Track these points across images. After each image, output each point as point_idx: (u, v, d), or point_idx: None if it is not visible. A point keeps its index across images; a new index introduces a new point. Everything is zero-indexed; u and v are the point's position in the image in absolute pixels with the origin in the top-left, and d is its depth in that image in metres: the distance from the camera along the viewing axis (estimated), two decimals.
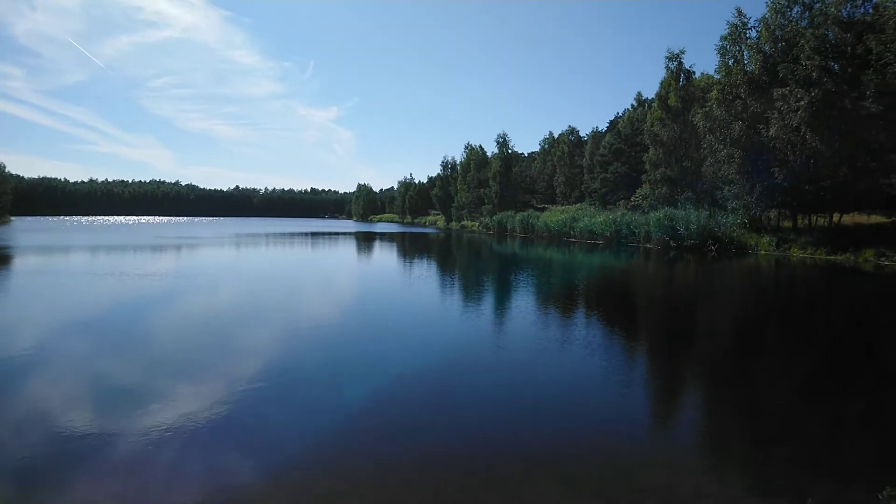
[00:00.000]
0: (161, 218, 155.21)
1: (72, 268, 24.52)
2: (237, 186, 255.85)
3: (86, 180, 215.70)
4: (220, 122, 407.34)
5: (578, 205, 68.94)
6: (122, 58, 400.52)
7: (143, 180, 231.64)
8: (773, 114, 33.92)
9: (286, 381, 8.45)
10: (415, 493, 5.20)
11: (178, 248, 38.97)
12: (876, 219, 34.17)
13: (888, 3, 30.80)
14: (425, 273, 25.11)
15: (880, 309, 17.14)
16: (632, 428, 6.99)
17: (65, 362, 9.41)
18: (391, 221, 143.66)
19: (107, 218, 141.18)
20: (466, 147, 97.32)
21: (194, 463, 5.71)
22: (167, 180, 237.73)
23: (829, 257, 30.69)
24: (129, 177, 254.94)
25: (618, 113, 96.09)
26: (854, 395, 8.44)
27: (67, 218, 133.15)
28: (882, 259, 28.36)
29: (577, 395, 8.21)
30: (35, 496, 5.05)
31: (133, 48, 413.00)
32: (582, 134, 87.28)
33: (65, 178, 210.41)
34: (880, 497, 4.98)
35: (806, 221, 37.46)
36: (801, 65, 32.48)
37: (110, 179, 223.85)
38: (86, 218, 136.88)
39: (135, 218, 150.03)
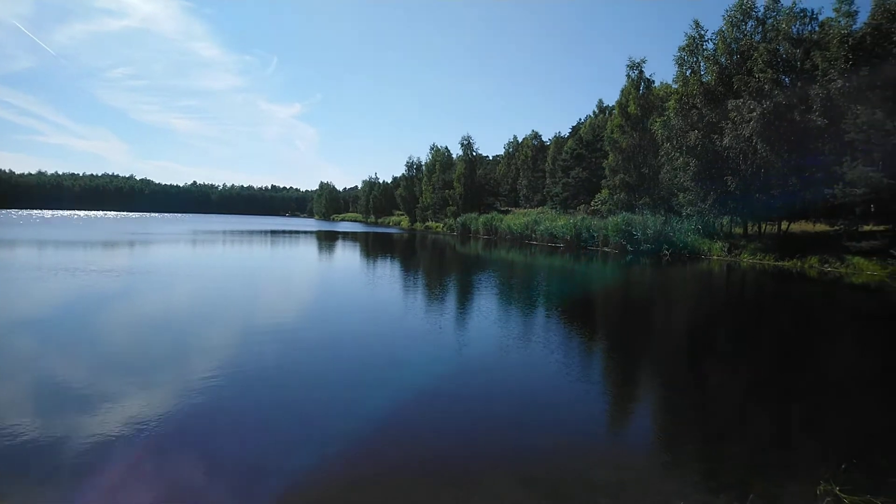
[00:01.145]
0: (114, 213, 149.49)
1: (17, 264, 23.38)
2: (194, 182, 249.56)
3: (33, 172, 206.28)
4: (178, 116, 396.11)
5: (540, 208, 69.82)
6: (75, 46, 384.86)
7: (95, 173, 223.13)
8: (727, 124, 35.17)
9: (239, 382, 8.27)
10: (370, 493, 5.16)
11: (133, 244, 37.65)
12: (821, 227, 35.79)
13: (832, 23, 32.36)
14: (388, 273, 24.99)
15: (822, 313, 17.97)
16: (587, 427, 7.13)
17: (9, 362, 8.97)
18: (355, 221, 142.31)
19: (56, 212, 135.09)
20: (432, 148, 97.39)
21: (144, 467, 5.53)
22: (121, 174, 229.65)
23: (776, 263, 31.99)
24: (80, 169, 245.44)
25: (580, 119, 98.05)
26: (796, 396, 8.81)
27: (12, 211, 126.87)
28: (825, 266, 29.75)
29: (534, 395, 8.31)
30: None
31: (88, 36, 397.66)
32: (545, 138, 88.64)
33: (10, 170, 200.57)
34: (817, 492, 5.22)
35: (756, 228, 38.95)
36: (755, 77, 33.80)
37: (60, 172, 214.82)
38: (34, 212, 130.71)
39: (86, 213, 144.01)
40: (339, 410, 7.36)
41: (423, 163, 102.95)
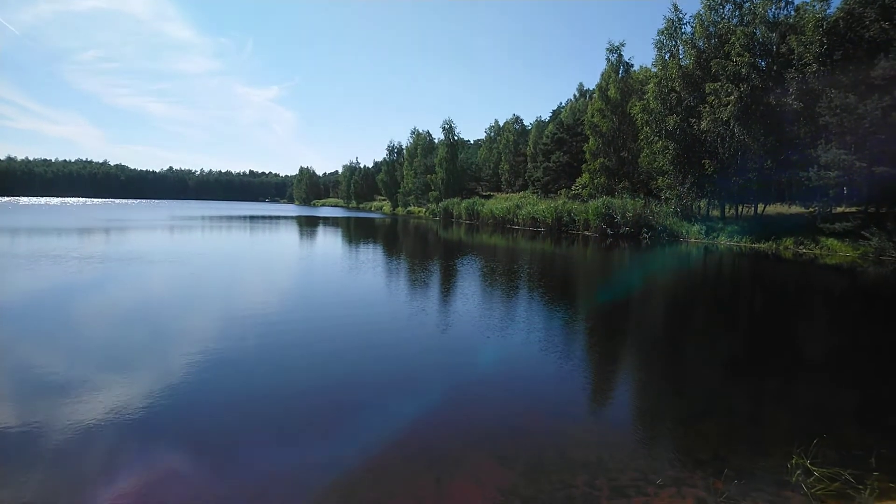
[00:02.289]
0: (88, 200, 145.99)
1: None
2: (171, 167, 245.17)
3: (3, 158, 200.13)
4: (152, 99, 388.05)
5: (522, 193, 70.00)
6: (42, 27, 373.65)
7: (68, 159, 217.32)
8: (705, 108, 35.51)
9: (221, 368, 8.20)
10: (350, 475, 5.18)
11: (111, 231, 36.91)
12: (796, 209, 36.52)
13: (807, 7, 32.71)
14: (371, 258, 24.89)
15: (795, 293, 18.38)
16: (566, 407, 7.22)
17: None
18: (336, 206, 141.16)
19: (29, 199, 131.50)
20: (413, 132, 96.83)
21: (125, 455, 5.47)
22: (94, 159, 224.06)
23: (753, 245, 32.57)
24: (52, 155, 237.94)
25: (561, 103, 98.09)
26: (770, 374, 9.02)
27: None
28: (800, 247, 30.37)
29: (514, 376, 8.39)
30: None
31: (55, 16, 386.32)
32: (526, 123, 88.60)
33: None
34: (789, 466, 5.37)
35: (733, 211, 39.56)
36: (732, 61, 34.11)
37: (31, 158, 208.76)
38: (6, 199, 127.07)
39: (59, 199, 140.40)
40: (319, 394, 7.34)
41: (404, 147, 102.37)
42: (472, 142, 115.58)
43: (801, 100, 31.69)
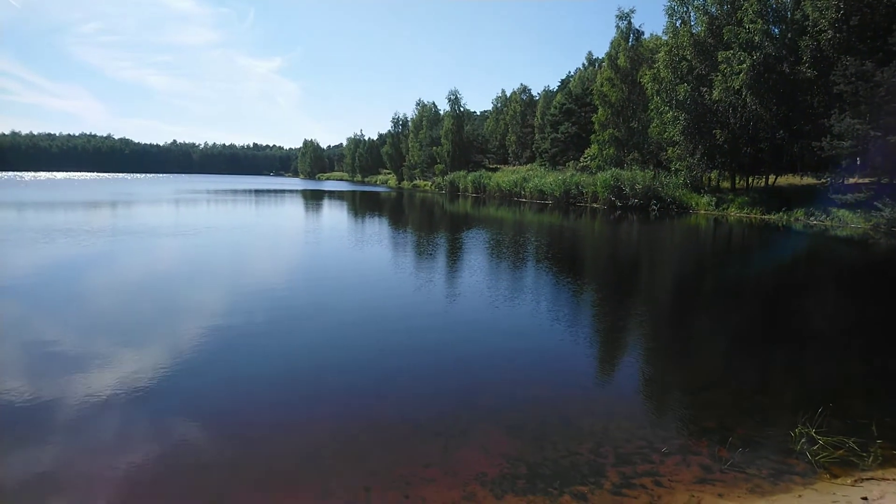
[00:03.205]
0: (94, 174, 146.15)
1: (10, 226, 22.99)
2: (174, 141, 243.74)
3: (7, 133, 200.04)
4: (154, 72, 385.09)
5: (529, 165, 69.38)
6: None
7: (72, 133, 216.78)
8: (717, 76, 34.80)
9: (230, 340, 8.32)
10: (359, 445, 5.27)
11: (121, 205, 37.08)
12: (808, 180, 36.01)
13: None
14: (377, 232, 24.92)
15: (805, 265, 18.28)
16: (572, 377, 7.28)
17: (19, 320, 8.93)
18: (340, 180, 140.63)
19: (34, 174, 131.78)
20: (418, 104, 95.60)
21: (137, 426, 5.59)
22: (98, 133, 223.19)
23: (763, 216, 32.27)
24: (56, 129, 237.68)
25: (569, 72, 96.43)
26: (778, 345, 9.04)
27: None
28: (811, 218, 30.08)
29: (521, 347, 8.45)
30: None
31: None
32: (534, 93, 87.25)
33: None
34: (793, 434, 5.41)
35: (744, 182, 39.09)
36: (745, 28, 33.25)
37: (35, 132, 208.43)
38: (11, 174, 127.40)
39: (66, 174, 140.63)
40: (328, 365, 7.44)
41: (409, 119, 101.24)
42: (478, 113, 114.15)
43: (815, 68, 30.97)
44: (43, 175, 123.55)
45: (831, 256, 20.34)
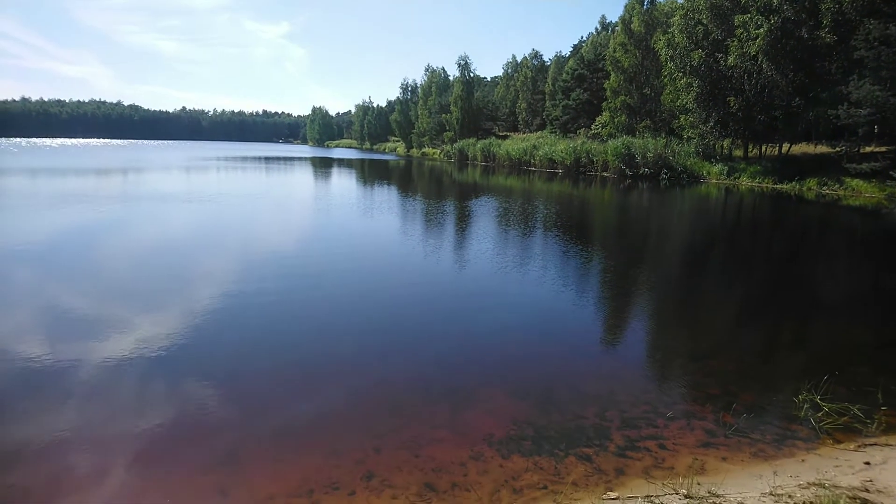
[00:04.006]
0: (106, 141, 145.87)
1: (42, 191, 23.15)
2: (184, 107, 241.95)
3: (17, 99, 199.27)
4: (162, 37, 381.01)
5: (540, 133, 68.44)
6: None
7: (81, 100, 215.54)
8: (733, 42, 33.88)
9: (243, 307, 8.44)
10: (368, 405, 5.39)
11: (137, 172, 37.18)
12: (822, 149, 35.29)
13: None
14: (386, 200, 24.89)
15: (815, 234, 18.11)
16: (579, 343, 7.36)
17: (21, 288, 9.10)
18: (349, 147, 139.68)
19: (47, 141, 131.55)
20: (427, 69, 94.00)
21: (154, 387, 5.73)
22: (108, 100, 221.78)
23: (775, 186, 31.84)
24: (64, 96, 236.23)
25: (582, 37, 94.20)
26: (786, 314, 9.04)
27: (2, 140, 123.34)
28: (824, 188, 29.66)
29: (529, 312, 8.51)
30: None
31: None
32: (545, 58, 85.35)
33: None
34: (796, 400, 5.47)
35: (757, 151, 38.43)
36: None
37: (45, 99, 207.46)
38: (25, 140, 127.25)
39: (79, 141, 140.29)
40: (338, 330, 7.54)
41: (418, 85, 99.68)
42: (488, 79, 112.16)
43: (836, 32, 30.02)
44: (57, 141, 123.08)
45: (842, 226, 20.12)
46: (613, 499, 3.89)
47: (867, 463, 4.36)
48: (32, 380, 5.67)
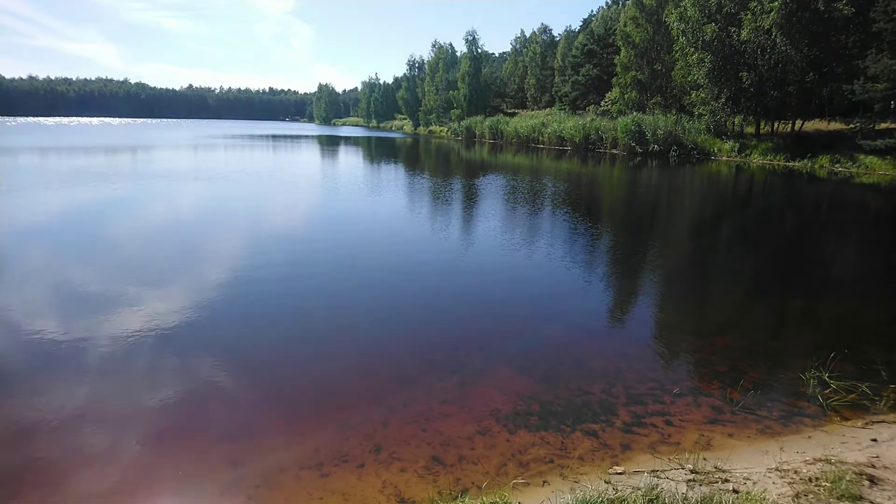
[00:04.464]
0: (113, 119, 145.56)
1: (59, 169, 23.28)
2: (190, 85, 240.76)
3: (24, 77, 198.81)
4: (167, 14, 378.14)
5: (548, 110, 67.61)
6: None
7: (88, 78, 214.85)
8: (747, 15, 33.15)
9: (252, 283, 8.50)
10: (376, 382, 5.45)
11: (138, 150, 37.24)
12: (835, 126, 34.70)
13: None
14: (393, 178, 24.82)
15: (826, 213, 17.91)
16: (586, 320, 7.36)
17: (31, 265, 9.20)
18: (356, 125, 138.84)
19: (56, 119, 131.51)
20: (434, 45, 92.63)
21: (166, 362, 5.80)
22: (115, 78, 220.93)
23: (787, 163, 31.42)
24: (71, 74, 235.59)
25: (592, 11, 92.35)
26: (795, 292, 8.99)
27: (8, 119, 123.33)
28: (836, 165, 29.23)
29: (536, 290, 8.52)
30: (7, 401, 5.10)
31: None
32: (555, 33, 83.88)
33: None
34: (803, 377, 5.47)
35: (769, 128, 37.85)
36: None
37: (52, 77, 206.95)
38: (31, 119, 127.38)
39: (87, 119, 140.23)
40: (348, 306, 7.59)
41: (425, 62, 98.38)
42: (496, 55, 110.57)
43: (854, 4, 29.25)
44: (65, 121, 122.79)
45: (854, 203, 19.87)
46: (619, 473, 3.93)
47: (874, 440, 4.37)
48: (46, 353, 5.76)
